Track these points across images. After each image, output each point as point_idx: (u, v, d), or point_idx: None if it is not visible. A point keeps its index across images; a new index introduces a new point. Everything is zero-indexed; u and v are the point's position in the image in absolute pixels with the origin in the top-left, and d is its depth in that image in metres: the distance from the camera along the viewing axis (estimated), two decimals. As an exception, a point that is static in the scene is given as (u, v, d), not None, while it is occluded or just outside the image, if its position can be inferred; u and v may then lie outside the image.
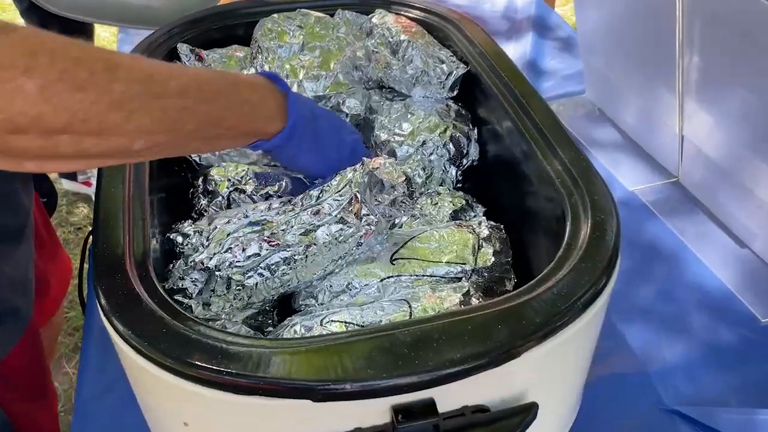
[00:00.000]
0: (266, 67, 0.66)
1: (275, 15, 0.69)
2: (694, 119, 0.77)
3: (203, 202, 0.59)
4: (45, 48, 0.34)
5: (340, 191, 0.49)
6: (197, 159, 0.65)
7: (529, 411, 0.42)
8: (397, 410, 0.39)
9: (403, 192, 0.52)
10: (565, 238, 0.47)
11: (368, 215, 0.50)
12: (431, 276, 0.52)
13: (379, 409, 0.39)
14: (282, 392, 0.38)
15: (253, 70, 0.67)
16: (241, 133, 0.48)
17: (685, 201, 0.82)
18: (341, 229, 0.49)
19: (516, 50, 1.13)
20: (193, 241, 0.52)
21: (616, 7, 0.86)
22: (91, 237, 0.73)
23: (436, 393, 0.40)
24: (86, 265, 0.71)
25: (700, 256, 0.75)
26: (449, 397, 0.40)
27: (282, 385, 0.38)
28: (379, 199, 0.51)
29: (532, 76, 1.07)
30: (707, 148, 0.77)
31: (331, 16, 0.74)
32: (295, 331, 0.48)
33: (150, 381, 0.41)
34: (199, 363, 0.38)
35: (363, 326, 0.47)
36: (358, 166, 0.51)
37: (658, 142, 0.87)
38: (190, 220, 0.55)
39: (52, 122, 0.35)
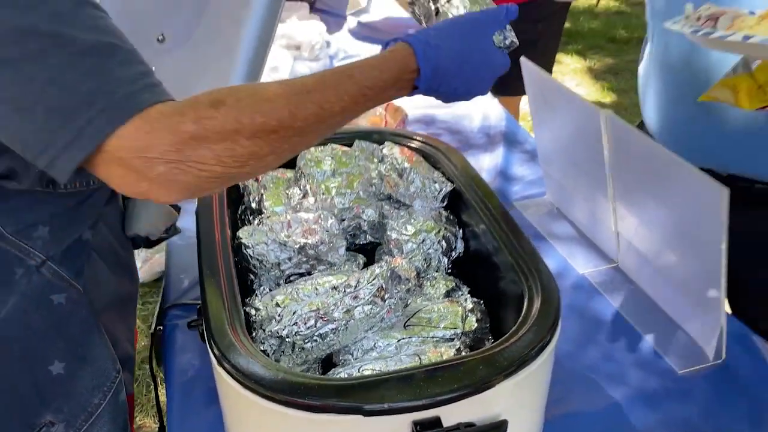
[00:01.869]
0: (308, 188, 0.90)
1: (312, 148, 0.94)
2: (624, 220, 1.01)
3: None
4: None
5: (371, 281, 0.72)
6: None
7: (501, 426, 0.64)
8: (416, 423, 0.60)
9: (414, 283, 0.75)
10: (524, 310, 0.70)
11: (390, 299, 0.73)
12: (433, 337, 0.75)
13: (404, 423, 0.61)
14: (341, 409, 0.59)
15: (297, 190, 0.91)
16: (382, 99, 0.65)
17: (623, 281, 1.05)
18: (371, 308, 0.72)
19: (490, 160, 1.39)
20: (263, 313, 0.74)
21: (563, 134, 1.13)
22: (158, 328, 0.95)
23: (441, 412, 0.61)
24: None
25: (634, 325, 0.97)
26: (450, 415, 0.61)
27: (342, 406, 0.59)
28: (397, 289, 0.74)
29: (503, 181, 1.32)
30: (635, 242, 1.01)
31: (349, 145, 0.99)
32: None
33: (248, 407, 0.62)
34: (290, 393, 0.60)
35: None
36: (384, 263, 0.74)
37: (601, 236, 1.11)
38: (258, 294, 0.77)
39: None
